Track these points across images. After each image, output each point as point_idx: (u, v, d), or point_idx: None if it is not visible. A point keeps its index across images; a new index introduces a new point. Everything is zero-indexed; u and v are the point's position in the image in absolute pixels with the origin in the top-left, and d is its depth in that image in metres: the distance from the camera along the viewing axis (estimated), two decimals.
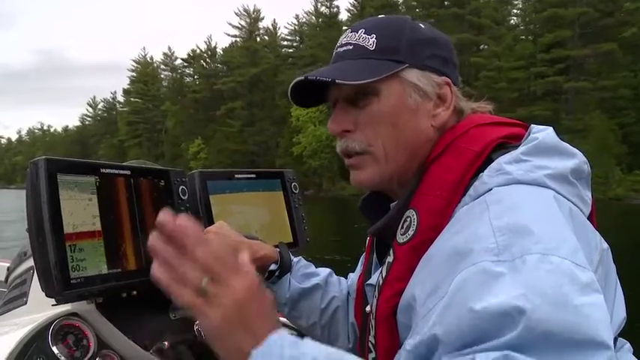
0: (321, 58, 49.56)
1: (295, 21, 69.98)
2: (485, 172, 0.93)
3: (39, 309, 1.35)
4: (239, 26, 71.65)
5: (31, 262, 1.51)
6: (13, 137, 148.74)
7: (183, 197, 1.52)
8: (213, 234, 1.28)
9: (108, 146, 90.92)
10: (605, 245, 0.94)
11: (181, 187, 1.53)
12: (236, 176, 1.68)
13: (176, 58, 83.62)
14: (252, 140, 59.85)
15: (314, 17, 67.33)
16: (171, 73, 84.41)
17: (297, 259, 1.44)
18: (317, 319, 1.38)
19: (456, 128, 1.04)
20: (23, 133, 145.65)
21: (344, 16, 64.48)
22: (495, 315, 0.69)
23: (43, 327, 1.27)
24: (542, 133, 0.96)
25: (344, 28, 54.83)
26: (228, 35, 73.75)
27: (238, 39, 71.73)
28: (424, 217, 0.96)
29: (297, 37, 69.10)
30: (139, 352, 1.35)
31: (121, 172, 1.38)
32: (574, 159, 0.95)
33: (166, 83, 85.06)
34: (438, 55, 1.07)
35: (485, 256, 0.76)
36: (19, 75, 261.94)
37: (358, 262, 1.38)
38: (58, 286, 1.16)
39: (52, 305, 1.22)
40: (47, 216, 1.16)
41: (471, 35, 47.93)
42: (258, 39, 71.35)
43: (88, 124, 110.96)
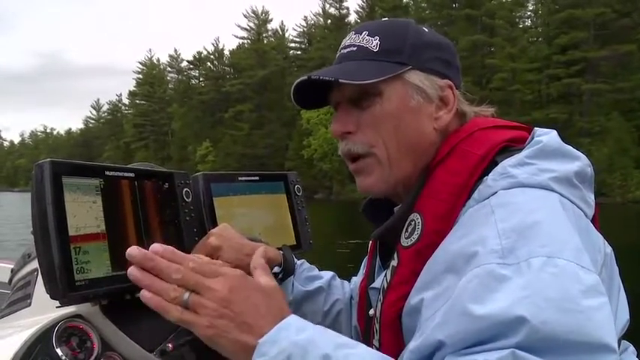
0: (331, 60, 49.51)
1: (304, 23, 70.28)
2: (489, 175, 0.94)
3: (43, 311, 1.36)
4: (247, 28, 72.01)
5: (35, 264, 1.52)
6: (14, 139, 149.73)
7: (187, 200, 1.54)
8: (216, 236, 1.31)
9: (113, 148, 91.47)
10: (609, 249, 0.96)
11: (185, 189, 1.54)
12: (239, 179, 1.70)
13: (182, 60, 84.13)
14: (261, 143, 59.82)
15: (322, 19, 67.46)
16: (177, 76, 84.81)
17: (301, 262, 1.46)
18: (320, 321, 1.40)
19: (460, 131, 1.06)
20: (26, 135, 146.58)
21: (353, 17, 64.51)
22: (499, 319, 0.72)
23: (47, 329, 1.28)
24: (546, 136, 0.98)
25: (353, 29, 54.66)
26: (237, 37, 74.52)
27: (246, 41, 72.05)
28: (429, 221, 0.98)
29: (305, 39, 69.15)
30: (142, 353, 1.37)
31: (126, 174, 1.39)
32: (578, 162, 0.97)
33: (172, 85, 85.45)
34: (440, 58, 1.10)
35: (490, 258, 0.78)
36: (20, 77, 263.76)
37: (361, 266, 1.40)
38: (63, 288, 1.17)
39: (56, 307, 1.23)
40: (52, 218, 1.17)
41: (485, 37, 47.81)
42: (266, 41, 71.56)
43: (91, 126, 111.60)
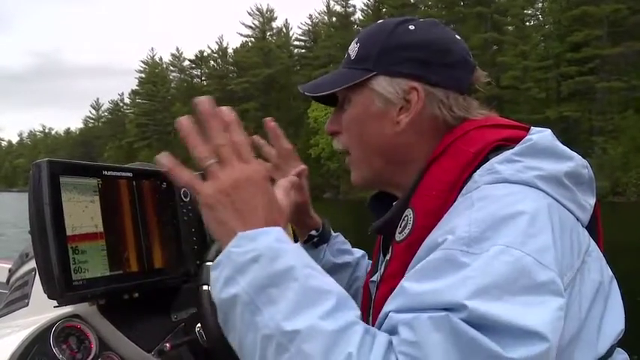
0: (337, 59, 49.53)
1: (309, 21, 70.31)
2: (477, 171, 0.97)
3: (40, 310, 1.38)
4: (252, 26, 72.09)
5: (32, 264, 1.54)
6: (11, 139, 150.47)
7: (185, 199, 1.56)
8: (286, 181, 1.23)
9: (115, 148, 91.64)
10: (596, 249, 0.98)
11: (183, 189, 1.56)
12: None
13: (184, 59, 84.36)
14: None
15: (326, 17, 67.55)
16: (179, 75, 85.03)
17: (337, 234, 1.55)
18: None
19: (456, 130, 1.09)
20: (24, 135, 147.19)
21: (358, 15, 64.51)
22: (441, 295, 0.76)
23: (44, 329, 1.30)
24: (538, 135, 1.00)
25: (359, 28, 54.82)
26: (241, 35, 74.23)
27: (251, 39, 72.11)
28: (419, 216, 1.01)
29: (310, 38, 69.13)
30: (140, 353, 1.40)
31: (123, 174, 1.42)
32: (570, 162, 0.98)
33: (175, 84, 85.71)
34: (414, 58, 1.10)
35: (455, 244, 0.81)
36: (16, 77, 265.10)
37: None
38: (60, 288, 1.19)
39: (54, 307, 1.25)
40: (49, 218, 1.20)
41: (497, 35, 47.76)
42: (271, 39, 71.67)
43: (91, 126, 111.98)
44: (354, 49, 1.17)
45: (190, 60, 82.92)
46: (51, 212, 1.21)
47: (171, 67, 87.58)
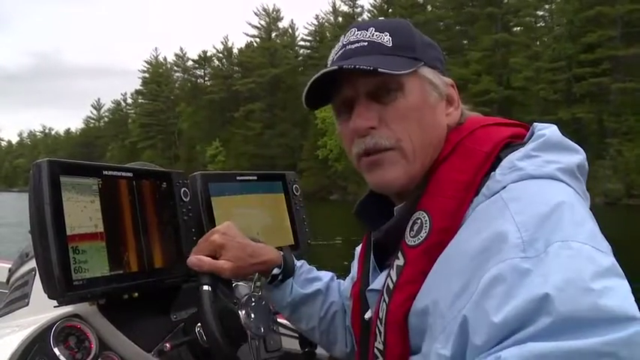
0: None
1: (315, 21, 70.43)
2: (497, 170, 0.97)
3: (41, 310, 1.40)
4: (258, 26, 72.22)
5: (33, 264, 1.56)
6: (9, 139, 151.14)
7: (185, 199, 1.58)
8: (220, 234, 1.36)
9: (118, 148, 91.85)
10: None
11: (183, 189, 1.59)
12: (237, 178, 1.76)
13: (188, 59, 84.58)
14: (274, 143, 59.85)
15: (332, 17, 67.68)
16: (183, 75, 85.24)
17: (300, 263, 1.50)
18: (316, 324, 1.45)
19: (461, 129, 1.10)
20: (24, 135, 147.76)
21: (365, 16, 64.34)
22: (521, 312, 0.74)
23: (44, 328, 1.32)
24: (548, 130, 1.01)
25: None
26: (247, 35, 74.29)
27: (256, 39, 72.20)
28: (436, 219, 0.99)
29: (317, 38, 69.17)
30: (140, 353, 1.42)
31: (123, 174, 1.44)
32: (579, 155, 1.00)
33: (178, 84, 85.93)
34: (439, 57, 1.15)
35: (512, 252, 0.81)
36: (15, 77, 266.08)
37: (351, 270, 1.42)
38: (60, 288, 1.21)
39: (54, 307, 1.26)
40: (49, 217, 1.22)
41: (508, 35, 47.67)
42: (276, 39, 71.81)
43: (92, 126, 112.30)
44: (382, 37, 1.09)
45: (194, 60, 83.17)
46: (51, 212, 1.22)
47: (175, 67, 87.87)
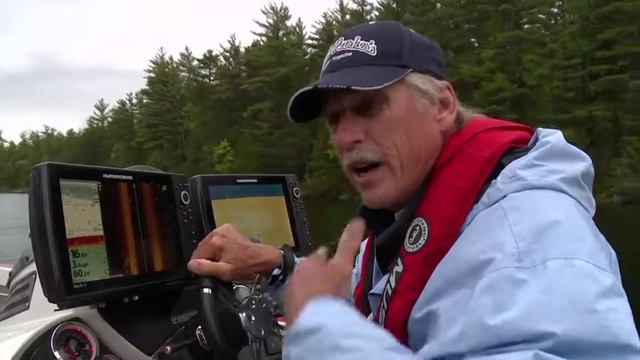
0: None
1: (323, 20, 70.42)
2: (498, 178, 0.97)
3: (41, 314, 1.42)
4: (266, 24, 72.29)
5: (33, 267, 1.57)
6: (11, 140, 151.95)
7: (185, 202, 1.60)
8: (219, 237, 1.38)
9: (124, 149, 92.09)
10: (613, 253, 0.98)
11: (183, 192, 1.60)
12: (238, 181, 1.77)
13: (193, 59, 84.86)
14: (283, 142, 59.74)
15: (340, 15, 67.62)
16: (188, 74, 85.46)
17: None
18: None
19: (462, 133, 1.10)
20: (27, 137, 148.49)
21: (373, 14, 64.31)
22: (520, 327, 0.75)
23: (45, 332, 1.34)
24: (553, 137, 1.01)
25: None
26: (255, 34, 74.76)
27: (264, 38, 72.30)
28: (435, 226, 1.00)
29: (324, 36, 69.06)
30: (141, 356, 1.44)
31: (124, 177, 1.45)
32: (584, 162, 1.00)
33: (184, 84, 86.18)
34: (434, 59, 1.13)
35: (507, 262, 0.81)
36: (15, 79, 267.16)
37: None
38: (61, 291, 1.22)
39: (55, 310, 1.27)
40: (49, 221, 1.23)
41: (522, 33, 47.51)
42: (285, 38, 71.87)
43: (95, 126, 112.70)
44: (366, 45, 1.08)
45: (199, 60, 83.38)
46: (51, 215, 1.24)
47: (181, 67, 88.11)
